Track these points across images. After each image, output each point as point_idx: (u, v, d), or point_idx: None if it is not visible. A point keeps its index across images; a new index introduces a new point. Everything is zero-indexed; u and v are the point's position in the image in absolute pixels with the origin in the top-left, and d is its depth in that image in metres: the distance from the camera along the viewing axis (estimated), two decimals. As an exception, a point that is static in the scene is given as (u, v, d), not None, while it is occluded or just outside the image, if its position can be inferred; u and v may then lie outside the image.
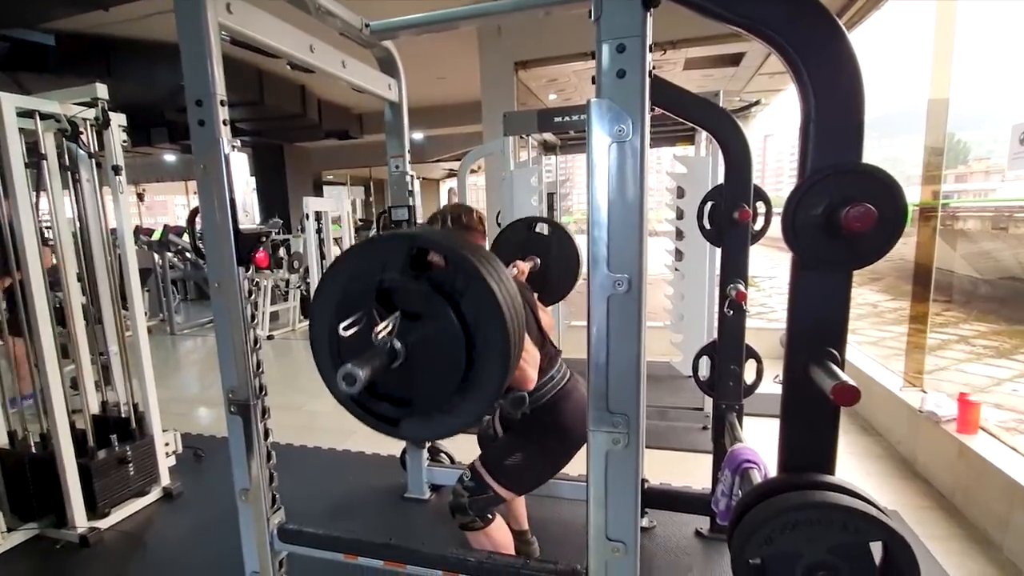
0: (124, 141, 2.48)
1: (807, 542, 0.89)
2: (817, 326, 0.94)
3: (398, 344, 1.03)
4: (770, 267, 11.00)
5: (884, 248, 0.83)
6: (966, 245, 7.38)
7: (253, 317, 1.37)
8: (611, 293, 1.04)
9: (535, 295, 1.81)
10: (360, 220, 11.23)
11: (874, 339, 5.48)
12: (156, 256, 7.17)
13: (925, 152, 2.88)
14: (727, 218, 1.91)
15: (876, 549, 0.88)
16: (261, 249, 1.34)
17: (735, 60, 5.54)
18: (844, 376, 0.84)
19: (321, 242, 6.54)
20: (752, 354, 2.06)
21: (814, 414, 0.96)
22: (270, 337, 6.28)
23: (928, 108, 2.84)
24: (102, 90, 2.20)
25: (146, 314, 6.89)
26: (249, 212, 1.34)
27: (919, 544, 2.04)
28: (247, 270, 1.34)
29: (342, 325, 1.03)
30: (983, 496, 2.14)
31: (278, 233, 8.15)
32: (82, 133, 2.33)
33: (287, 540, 1.43)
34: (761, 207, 2.02)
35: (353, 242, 7.11)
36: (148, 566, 2.12)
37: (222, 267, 1.32)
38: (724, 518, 1.68)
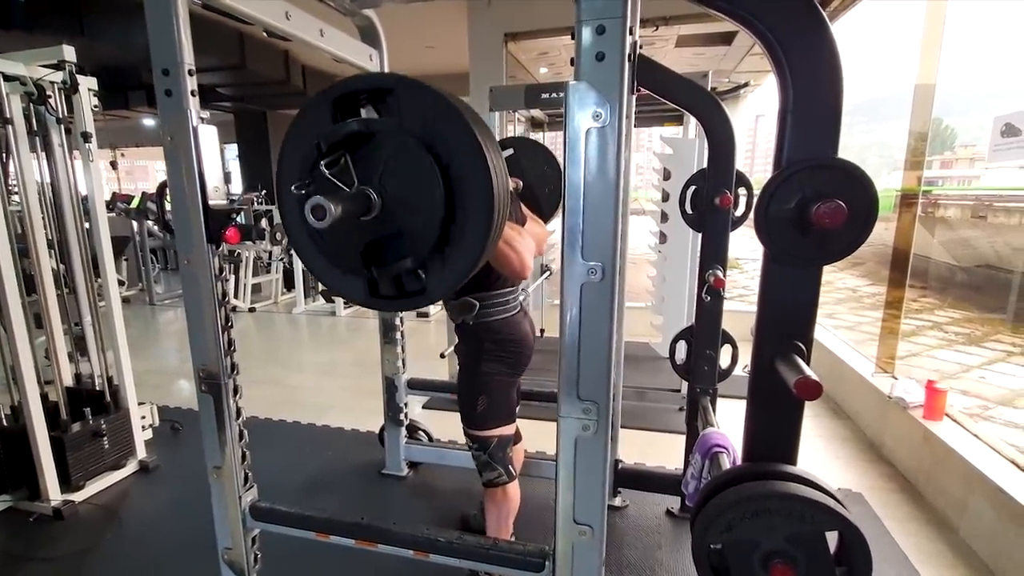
0: (95, 106, 2.40)
1: (766, 530, 0.91)
2: (785, 319, 0.95)
3: (372, 194, 0.96)
4: (754, 249, 11.08)
5: (853, 245, 0.83)
6: (944, 232, 7.49)
7: (224, 295, 1.35)
8: (585, 281, 1.04)
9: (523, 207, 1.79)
10: (345, 192, 11.01)
11: (851, 324, 5.58)
12: (134, 224, 7.02)
13: (910, 137, 2.88)
14: (708, 203, 1.90)
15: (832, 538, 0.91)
16: (232, 226, 1.30)
17: (727, 39, 5.46)
18: (808, 371, 0.85)
19: (304, 214, 6.43)
20: (728, 339, 2.08)
21: (779, 406, 0.98)
22: (252, 309, 6.23)
23: (914, 93, 2.83)
24: (69, 52, 2.11)
25: (124, 284, 6.79)
26: (220, 188, 1.30)
27: (879, 525, 2.11)
28: (217, 247, 1.31)
29: (294, 186, 0.97)
30: (944, 480, 2.21)
31: (261, 203, 7.99)
32: (50, 97, 2.24)
33: (259, 518, 1.43)
34: (743, 193, 2.03)
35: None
36: (123, 539, 2.12)
37: (191, 244, 1.29)
38: (693, 500, 1.73)
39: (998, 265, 6.59)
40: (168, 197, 1.30)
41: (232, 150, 11.96)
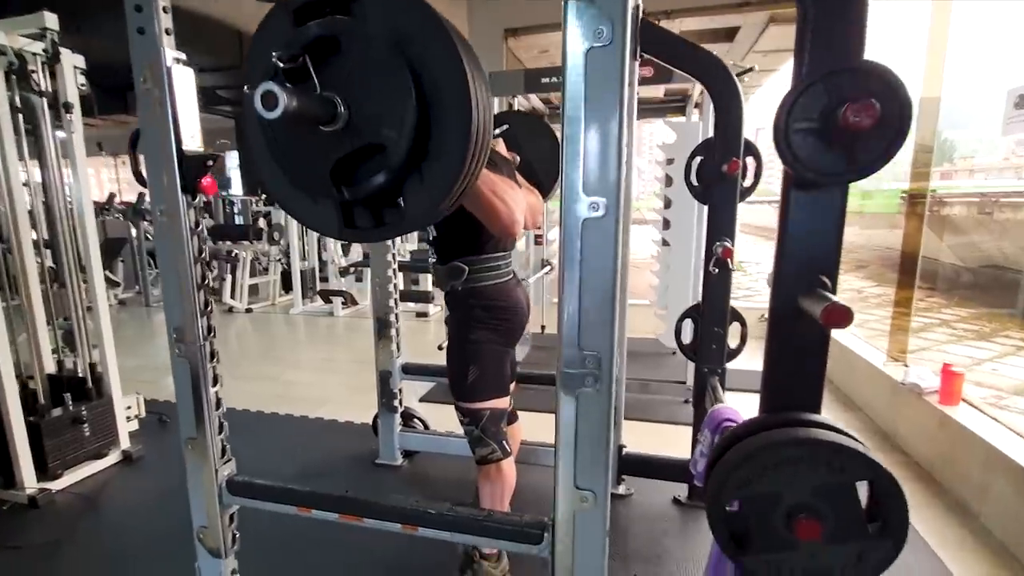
0: (82, 85, 2.33)
1: (788, 483, 0.82)
2: (809, 251, 0.86)
3: (337, 100, 0.88)
4: (757, 253, 11.01)
5: (885, 155, 0.74)
6: (951, 235, 7.43)
7: (200, 251, 1.26)
8: (585, 218, 0.95)
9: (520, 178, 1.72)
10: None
11: (858, 321, 5.48)
12: (132, 228, 6.96)
13: (915, 149, 2.84)
14: (715, 172, 1.82)
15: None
16: (208, 175, 1.22)
17: (730, 35, 5.43)
18: (835, 298, 0.77)
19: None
20: (737, 317, 1.99)
21: (801, 348, 0.89)
22: (249, 310, 6.15)
23: (920, 106, 2.78)
24: (51, 20, 2.05)
25: (120, 285, 6.70)
26: (195, 135, 1.22)
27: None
28: (193, 198, 1.23)
29: (246, 87, 0.88)
30: (963, 465, 2.11)
31: (259, 204, 7.95)
32: (33, 72, 2.17)
33: (236, 493, 1.33)
34: (751, 163, 1.95)
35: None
36: (100, 529, 2.01)
37: (165, 194, 1.20)
38: (702, 480, 1.62)
39: (1004, 264, 6.51)
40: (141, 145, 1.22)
41: (233, 158, 11.97)
